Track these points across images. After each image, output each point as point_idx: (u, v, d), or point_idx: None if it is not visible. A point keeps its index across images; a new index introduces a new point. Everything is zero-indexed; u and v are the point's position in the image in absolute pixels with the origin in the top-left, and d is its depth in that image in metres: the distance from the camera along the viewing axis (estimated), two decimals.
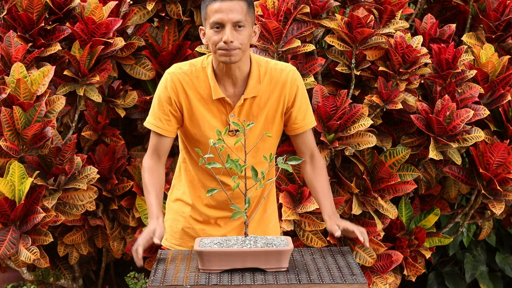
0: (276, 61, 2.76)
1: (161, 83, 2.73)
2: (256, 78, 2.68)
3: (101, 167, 3.81)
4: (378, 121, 3.75)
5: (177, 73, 2.69)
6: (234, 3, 2.56)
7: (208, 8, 2.58)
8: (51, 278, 4.16)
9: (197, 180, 2.82)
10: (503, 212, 3.97)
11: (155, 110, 2.72)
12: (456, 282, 4.70)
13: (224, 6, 2.55)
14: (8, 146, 3.26)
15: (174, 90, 2.69)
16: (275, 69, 2.71)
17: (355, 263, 2.48)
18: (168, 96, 2.69)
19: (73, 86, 3.64)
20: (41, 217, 3.28)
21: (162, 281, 2.32)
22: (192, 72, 2.69)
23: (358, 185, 3.69)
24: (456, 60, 3.65)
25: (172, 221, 2.90)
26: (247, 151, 2.43)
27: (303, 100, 2.76)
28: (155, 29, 3.98)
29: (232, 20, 2.55)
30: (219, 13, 2.55)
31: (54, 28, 3.66)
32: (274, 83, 2.70)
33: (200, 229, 2.85)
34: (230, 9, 2.55)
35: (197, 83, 2.69)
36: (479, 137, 3.63)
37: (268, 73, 2.70)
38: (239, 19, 2.56)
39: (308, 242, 3.62)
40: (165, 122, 2.71)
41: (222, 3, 2.56)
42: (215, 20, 2.56)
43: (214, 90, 2.67)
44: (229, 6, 2.55)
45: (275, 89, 2.70)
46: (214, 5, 2.56)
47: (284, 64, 2.75)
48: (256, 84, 2.68)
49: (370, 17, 3.56)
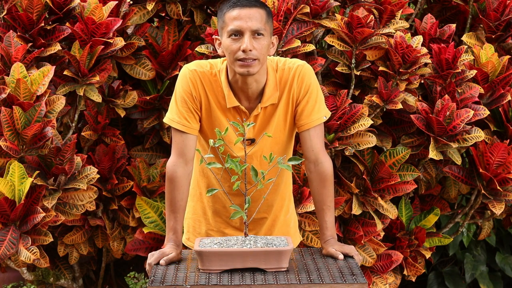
0: (285, 60, 2.64)
1: (182, 78, 2.59)
2: (272, 86, 2.59)
3: (101, 167, 3.81)
4: (378, 121, 3.75)
5: (199, 71, 2.59)
6: (254, 11, 2.48)
7: (226, 16, 2.49)
8: (51, 278, 4.15)
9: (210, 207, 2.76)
10: (503, 212, 3.97)
11: (177, 105, 2.58)
12: (456, 282, 4.70)
13: (243, 13, 2.47)
14: (8, 146, 3.26)
15: (195, 86, 2.58)
16: (282, 70, 2.61)
17: (355, 263, 2.48)
18: (189, 91, 2.58)
19: (73, 86, 3.64)
20: (41, 217, 3.28)
21: (162, 281, 2.32)
22: (212, 73, 2.59)
23: (358, 185, 3.69)
24: (456, 60, 3.65)
25: (195, 222, 2.83)
26: (260, 157, 2.38)
27: (311, 95, 2.61)
28: (155, 29, 3.98)
29: (251, 28, 2.47)
30: (237, 20, 2.47)
31: (54, 28, 3.66)
32: (283, 84, 2.61)
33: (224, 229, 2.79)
34: (249, 16, 2.47)
35: (215, 86, 2.59)
36: (479, 137, 3.63)
37: (278, 76, 2.62)
38: (258, 28, 2.48)
39: (308, 242, 3.62)
40: (188, 118, 2.57)
41: (241, 10, 2.47)
42: (234, 28, 2.47)
43: (228, 98, 2.57)
44: (249, 13, 2.47)
45: (284, 90, 2.61)
46: (233, 12, 2.48)
47: (291, 62, 2.62)
48: (273, 92, 2.59)
49: (370, 17, 3.56)
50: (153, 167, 3.87)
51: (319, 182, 2.64)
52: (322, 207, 2.64)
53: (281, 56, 3.56)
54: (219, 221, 2.77)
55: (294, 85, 2.60)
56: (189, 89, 2.58)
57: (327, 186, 2.64)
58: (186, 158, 2.59)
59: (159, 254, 2.52)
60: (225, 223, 2.77)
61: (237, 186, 2.36)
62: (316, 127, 2.63)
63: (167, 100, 3.85)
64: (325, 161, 2.65)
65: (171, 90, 3.87)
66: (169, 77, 3.88)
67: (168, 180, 2.59)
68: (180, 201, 2.58)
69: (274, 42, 2.59)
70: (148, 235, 3.78)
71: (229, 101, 2.58)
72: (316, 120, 2.62)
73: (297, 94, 2.61)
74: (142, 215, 3.75)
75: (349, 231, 3.72)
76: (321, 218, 2.64)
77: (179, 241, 2.58)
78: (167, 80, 3.89)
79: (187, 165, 2.59)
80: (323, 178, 2.64)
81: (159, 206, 3.74)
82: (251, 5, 2.49)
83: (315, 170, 2.65)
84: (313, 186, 2.66)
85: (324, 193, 2.64)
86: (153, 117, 3.93)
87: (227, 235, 2.75)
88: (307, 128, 2.62)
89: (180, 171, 2.58)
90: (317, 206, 2.65)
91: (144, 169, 3.85)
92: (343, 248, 2.56)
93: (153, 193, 3.86)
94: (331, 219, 2.64)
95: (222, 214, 2.76)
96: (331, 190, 2.65)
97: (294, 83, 2.60)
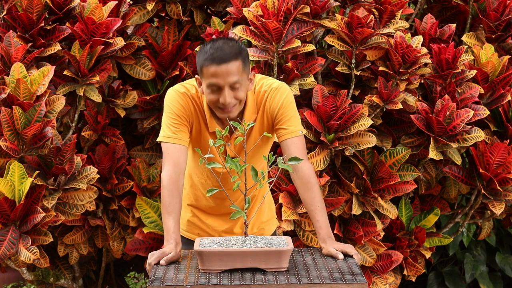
0: (262, 83, 2.73)
1: (171, 98, 2.69)
2: (251, 109, 2.70)
3: (101, 167, 3.81)
4: (378, 121, 3.75)
5: (188, 94, 2.69)
6: (230, 65, 2.54)
7: (204, 70, 2.57)
8: (51, 278, 4.15)
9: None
10: (503, 212, 3.97)
11: (169, 123, 2.68)
12: (456, 282, 4.70)
13: (220, 71, 2.54)
14: (8, 146, 3.26)
15: (186, 106, 2.68)
16: (259, 92, 2.71)
17: (355, 263, 2.48)
18: (180, 109, 2.67)
19: (73, 86, 3.64)
20: (41, 217, 3.28)
21: (162, 281, 2.32)
22: (197, 96, 2.70)
23: (358, 185, 3.69)
24: (456, 60, 3.65)
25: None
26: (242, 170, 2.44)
27: (285, 110, 2.69)
28: (155, 29, 3.98)
29: (229, 82, 2.55)
30: (215, 77, 2.55)
31: (54, 28, 3.66)
32: (259, 104, 2.71)
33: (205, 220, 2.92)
34: (226, 72, 2.54)
35: (200, 109, 2.70)
36: (479, 137, 3.63)
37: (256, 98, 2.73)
38: (236, 80, 2.56)
39: (308, 242, 3.62)
40: (178, 133, 2.67)
41: (218, 68, 2.53)
42: (212, 83, 2.56)
43: (209, 123, 2.69)
44: (226, 69, 2.54)
45: (259, 109, 2.71)
46: (210, 69, 2.55)
47: (267, 84, 2.72)
48: (252, 115, 2.70)
49: (370, 17, 3.56)
50: (153, 167, 3.87)
51: (303, 186, 2.71)
52: (311, 208, 2.70)
53: (281, 57, 3.57)
54: (202, 203, 2.89)
55: (267, 104, 2.70)
56: (180, 107, 2.68)
57: (311, 188, 2.71)
58: (180, 167, 2.67)
59: (159, 254, 2.52)
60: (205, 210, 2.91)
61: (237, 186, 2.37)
62: (293, 138, 2.71)
63: None
64: (304, 165, 2.71)
65: None
66: (169, 77, 3.88)
67: (164, 188, 2.65)
68: (176, 204, 2.65)
69: (252, 78, 2.67)
70: (148, 235, 3.78)
71: (210, 126, 2.70)
72: (292, 132, 2.70)
73: (271, 111, 2.71)
74: (142, 215, 3.75)
75: (349, 231, 3.72)
76: (313, 218, 2.71)
77: (178, 240, 2.59)
78: (167, 80, 3.89)
79: (181, 174, 2.68)
80: (305, 182, 2.71)
81: (159, 206, 3.74)
82: (227, 59, 2.55)
83: (297, 177, 2.72)
84: (300, 192, 2.74)
85: (309, 195, 2.70)
86: (153, 117, 3.93)
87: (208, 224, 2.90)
88: (284, 139, 2.71)
89: (175, 178, 2.65)
90: (308, 209, 2.73)
91: (144, 169, 3.85)
92: (342, 247, 2.57)
93: (153, 193, 3.86)
94: (323, 219, 2.69)
95: (202, 200, 2.88)
96: (317, 191, 2.71)
97: (267, 102, 2.70)
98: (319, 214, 2.68)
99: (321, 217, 2.68)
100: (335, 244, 2.61)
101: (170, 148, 2.68)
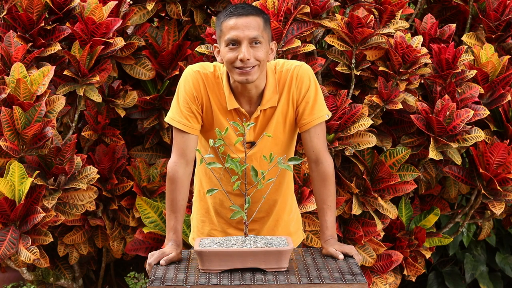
0: (283, 62, 2.64)
1: (185, 79, 2.60)
2: (272, 89, 2.60)
3: (101, 167, 3.81)
4: (378, 121, 3.75)
5: (202, 72, 2.60)
6: (251, 19, 2.48)
7: (223, 25, 2.50)
8: (51, 278, 4.15)
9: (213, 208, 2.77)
10: (503, 212, 3.97)
11: (178, 105, 2.59)
12: (456, 282, 4.70)
13: (240, 23, 2.47)
14: (8, 146, 3.26)
15: (197, 87, 2.59)
16: (280, 72, 2.61)
17: (355, 263, 2.48)
18: (192, 92, 2.59)
19: (73, 86, 3.64)
20: (41, 217, 3.28)
21: (162, 281, 2.32)
22: (215, 75, 2.61)
23: (358, 185, 3.69)
24: (456, 60, 3.65)
25: (198, 222, 2.82)
26: (260, 157, 2.38)
27: (311, 95, 2.60)
28: (155, 29, 3.98)
29: (249, 36, 2.47)
30: (234, 30, 2.47)
31: (54, 28, 3.66)
32: (282, 86, 2.61)
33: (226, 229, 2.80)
34: (246, 25, 2.47)
35: (218, 88, 2.60)
36: (479, 137, 3.63)
37: (277, 78, 2.62)
38: (256, 35, 2.48)
39: (308, 242, 3.62)
40: (190, 118, 2.58)
41: (237, 20, 2.47)
42: (231, 37, 2.48)
43: (229, 100, 2.58)
44: (245, 22, 2.47)
45: (283, 92, 2.61)
46: (230, 22, 2.48)
47: (289, 63, 2.63)
48: (272, 94, 2.60)
49: (370, 17, 3.56)
50: (153, 167, 3.87)
51: (320, 182, 2.66)
52: (323, 207, 2.65)
53: (281, 57, 3.57)
54: (222, 222, 2.77)
55: (293, 87, 2.60)
56: (191, 90, 2.59)
57: (328, 186, 2.66)
58: (187, 159, 2.60)
59: (159, 254, 2.52)
60: (227, 223, 2.78)
61: (237, 186, 2.36)
62: (316, 127, 2.63)
63: (167, 100, 3.85)
64: (326, 160, 2.65)
65: (171, 90, 3.89)
66: (169, 77, 3.88)
67: (169, 180, 2.60)
68: (181, 201, 2.59)
69: (273, 48, 2.59)
70: (148, 235, 3.78)
71: (230, 103, 2.59)
72: (316, 119, 2.62)
73: (296, 96, 2.61)
74: (142, 215, 3.75)
75: (349, 231, 3.72)
76: (321, 217, 2.66)
77: (179, 241, 2.58)
78: (167, 80, 3.89)
79: (188, 166, 2.60)
80: (324, 178, 2.65)
81: (159, 206, 3.74)
82: (247, 13, 2.49)
83: (316, 169, 2.66)
84: (314, 185, 2.68)
85: (325, 192, 2.65)
86: (153, 117, 3.93)
87: (230, 235, 2.75)
88: (308, 128, 2.62)
89: (181, 171, 2.59)
90: (318, 206, 2.68)
91: (144, 169, 3.85)
92: (343, 248, 2.57)
93: (153, 193, 3.86)
94: (331, 219, 2.65)
95: (223, 214, 2.76)
96: (332, 190, 2.66)
97: (293, 85, 2.60)
98: (329, 214, 2.64)
99: (330, 217, 2.64)
100: (336, 245, 2.60)
101: (177, 136, 2.60)
